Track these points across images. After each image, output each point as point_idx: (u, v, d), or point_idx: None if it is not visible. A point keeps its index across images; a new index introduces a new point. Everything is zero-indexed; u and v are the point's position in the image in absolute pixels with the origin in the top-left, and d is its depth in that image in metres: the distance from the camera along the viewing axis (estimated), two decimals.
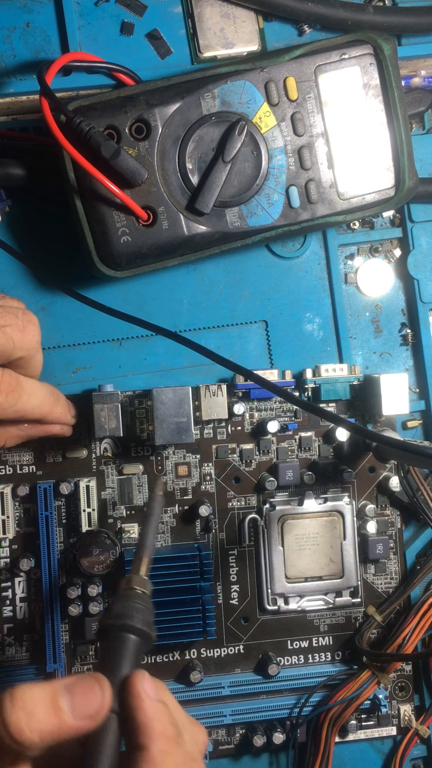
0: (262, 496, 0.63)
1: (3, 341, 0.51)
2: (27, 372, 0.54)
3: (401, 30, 0.60)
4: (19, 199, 0.61)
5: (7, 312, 0.51)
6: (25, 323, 0.52)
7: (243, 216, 0.57)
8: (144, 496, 0.62)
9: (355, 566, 0.62)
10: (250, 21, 0.60)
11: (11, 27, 0.59)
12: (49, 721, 0.36)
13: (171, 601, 0.58)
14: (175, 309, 0.62)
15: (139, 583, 0.43)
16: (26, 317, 0.52)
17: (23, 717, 0.35)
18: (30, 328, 0.52)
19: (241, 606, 0.63)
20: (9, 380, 0.52)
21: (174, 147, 0.55)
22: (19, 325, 0.51)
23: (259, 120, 0.56)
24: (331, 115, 0.57)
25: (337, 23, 0.59)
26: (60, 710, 0.36)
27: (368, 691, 0.61)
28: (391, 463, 0.63)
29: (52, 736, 0.36)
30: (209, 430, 0.62)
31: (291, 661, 0.63)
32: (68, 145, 0.52)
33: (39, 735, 0.35)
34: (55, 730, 0.36)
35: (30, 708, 0.35)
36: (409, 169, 0.57)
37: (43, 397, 0.55)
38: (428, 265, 0.63)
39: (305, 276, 0.63)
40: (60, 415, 0.57)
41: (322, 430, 0.63)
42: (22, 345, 0.52)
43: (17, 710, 0.35)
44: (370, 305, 0.65)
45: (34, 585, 0.61)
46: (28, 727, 0.35)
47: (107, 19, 0.59)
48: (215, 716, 0.61)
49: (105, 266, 0.56)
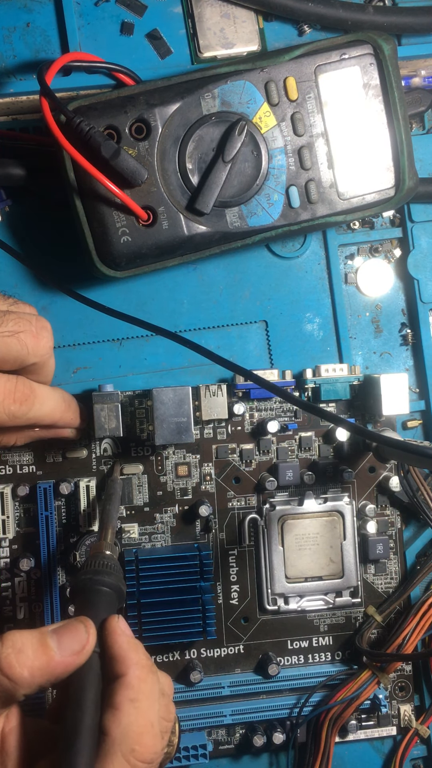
0: (262, 496, 0.63)
1: (17, 348, 0.51)
2: (39, 378, 0.55)
3: (401, 30, 0.60)
4: (19, 199, 0.61)
5: (21, 318, 0.52)
6: (38, 329, 0.52)
7: (243, 216, 0.57)
8: (144, 496, 0.62)
9: (355, 566, 0.62)
10: (250, 21, 0.60)
11: (11, 27, 0.59)
12: (37, 657, 0.39)
13: (171, 601, 0.58)
14: (175, 309, 0.62)
15: (107, 548, 0.49)
16: (40, 323, 0.53)
17: (12, 654, 0.39)
18: (43, 335, 0.52)
19: (241, 606, 0.63)
20: (23, 389, 0.52)
21: (174, 147, 0.55)
22: (33, 331, 0.52)
23: (259, 120, 0.56)
24: (331, 115, 0.57)
25: (337, 23, 0.59)
26: (48, 647, 0.40)
27: (368, 691, 0.61)
28: (391, 463, 0.63)
29: (41, 671, 0.39)
30: (209, 430, 0.62)
31: (291, 661, 0.63)
32: (68, 145, 0.52)
33: (29, 670, 0.39)
34: (44, 666, 0.39)
35: (19, 646, 0.39)
36: (409, 169, 0.57)
37: (55, 405, 0.55)
38: (428, 265, 0.63)
39: (305, 276, 0.63)
40: (70, 421, 0.58)
41: (322, 430, 0.63)
42: (36, 351, 0.52)
43: (6, 648, 0.39)
44: (370, 305, 0.65)
45: (34, 585, 0.61)
46: (18, 662, 0.39)
47: (107, 19, 0.59)
48: (215, 716, 0.61)
49: (105, 266, 0.56)
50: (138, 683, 0.42)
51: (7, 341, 0.50)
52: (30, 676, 0.39)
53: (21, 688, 0.39)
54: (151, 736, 0.41)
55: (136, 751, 0.40)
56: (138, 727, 0.41)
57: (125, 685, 0.41)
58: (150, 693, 0.42)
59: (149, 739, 0.41)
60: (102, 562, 0.47)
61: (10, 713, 0.42)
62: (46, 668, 0.39)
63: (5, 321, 0.51)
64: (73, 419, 0.58)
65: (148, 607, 0.58)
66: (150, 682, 0.42)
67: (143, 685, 0.42)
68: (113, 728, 0.40)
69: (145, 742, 0.41)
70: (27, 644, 0.39)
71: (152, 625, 0.58)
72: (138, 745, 0.40)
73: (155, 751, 0.41)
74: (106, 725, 0.40)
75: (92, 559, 0.48)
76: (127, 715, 0.41)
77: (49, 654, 0.40)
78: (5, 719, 0.42)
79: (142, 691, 0.42)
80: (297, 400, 0.56)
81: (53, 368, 0.56)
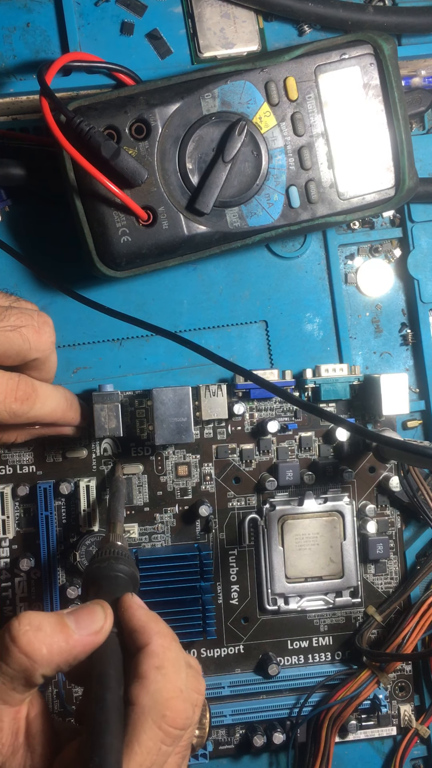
0: (262, 496, 0.63)
1: (19, 342, 0.51)
2: (41, 374, 0.55)
3: (401, 30, 0.60)
4: (19, 199, 0.61)
5: (22, 313, 0.52)
6: (40, 324, 0.52)
7: (243, 216, 0.57)
8: (144, 496, 0.62)
9: (355, 566, 0.62)
10: (250, 21, 0.60)
11: (11, 27, 0.59)
12: (55, 635, 0.39)
13: (171, 601, 0.58)
14: (175, 309, 0.62)
15: (117, 538, 0.49)
16: (41, 318, 0.53)
17: (31, 631, 0.38)
18: (45, 330, 0.53)
19: (241, 606, 0.63)
20: (25, 387, 0.52)
21: (174, 147, 0.55)
22: (34, 326, 0.52)
23: (259, 120, 0.56)
24: (331, 115, 0.57)
25: (337, 23, 0.59)
26: (66, 626, 0.39)
27: (368, 691, 0.61)
28: (391, 463, 0.63)
29: (59, 649, 0.39)
30: (209, 430, 0.62)
31: (291, 661, 0.63)
32: (68, 145, 0.52)
33: (47, 647, 0.38)
34: (63, 644, 0.39)
35: (37, 624, 0.39)
36: (409, 169, 0.57)
37: (57, 404, 0.55)
38: (428, 265, 0.63)
39: (305, 276, 0.63)
40: (72, 420, 0.58)
41: (322, 430, 0.63)
42: (38, 346, 0.52)
43: (24, 626, 0.38)
44: (370, 305, 0.65)
45: (34, 585, 0.61)
46: (36, 640, 0.38)
47: (107, 19, 0.59)
48: (215, 716, 0.61)
49: (105, 266, 0.56)
50: (162, 651, 0.41)
51: (9, 335, 0.51)
52: (48, 654, 0.38)
53: (40, 666, 0.38)
54: (181, 700, 0.40)
55: (167, 717, 0.39)
56: (167, 692, 0.40)
57: (150, 654, 0.41)
58: (175, 660, 0.41)
59: (179, 703, 0.40)
60: (114, 550, 0.47)
61: (33, 700, 0.41)
62: (64, 646, 0.39)
63: (7, 316, 0.51)
64: (75, 418, 0.58)
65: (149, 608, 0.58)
66: (174, 649, 0.42)
67: (168, 653, 0.41)
68: (141, 696, 0.39)
69: (176, 707, 0.39)
70: (45, 622, 0.39)
71: None
72: (168, 710, 0.39)
73: (187, 716, 0.40)
74: (133, 695, 0.39)
75: (104, 549, 0.48)
76: (154, 682, 0.40)
77: (67, 632, 0.39)
78: (29, 705, 0.41)
79: (168, 659, 0.41)
80: (297, 400, 0.56)
81: (55, 365, 0.56)
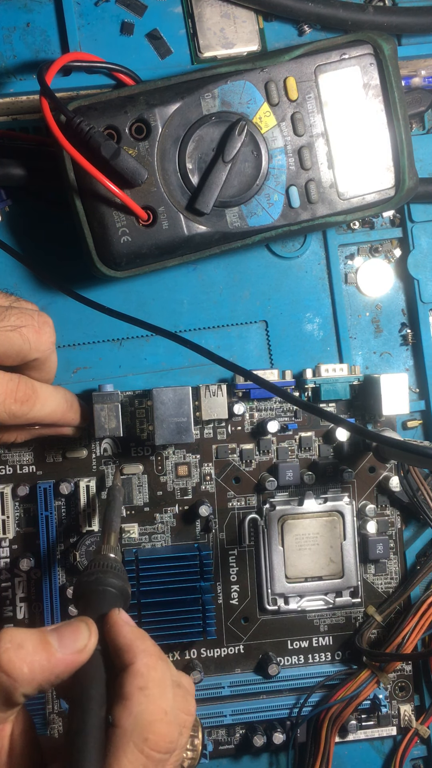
0: (262, 496, 0.63)
1: (19, 342, 0.51)
2: (42, 375, 0.55)
3: (401, 30, 0.60)
4: (19, 199, 0.61)
5: (23, 313, 0.52)
6: (40, 324, 0.52)
7: (243, 216, 0.57)
8: (144, 496, 0.62)
9: (355, 566, 0.62)
10: (250, 21, 0.60)
11: (11, 27, 0.59)
12: (37, 653, 0.38)
13: (171, 601, 0.58)
14: (175, 309, 0.62)
15: (110, 550, 0.48)
16: (41, 318, 0.53)
17: (12, 649, 0.37)
18: (45, 330, 0.53)
19: (241, 606, 0.63)
20: (25, 389, 0.52)
21: (174, 147, 0.55)
22: (35, 326, 0.52)
23: (259, 120, 0.56)
24: (331, 115, 0.57)
25: (337, 23, 0.59)
26: (48, 644, 0.38)
27: (368, 690, 0.61)
28: (391, 463, 0.63)
29: (41, 668, 0.37)
30: (209, 430, 0.62)
31: (291, 661, 0.63)
32: (68, 145, 0.52)
33: (28, 666, 0.37)
34: (44, 662, 0.38)
35: (18, 641, 0.37)
36: (409, 169, 0.57)
37: (57, 405, 0.55)
38: (428, 265, 0.63)
39: (305, 276, 0.63)
40: (71, 421, 0.58)
41: (322, 430, 0.63)
42: (38, 346, 0.52)
43: (5, 643, 0.37)
44: (370, 305, 0.65)
45: (34, 585, 0.61)
46: (17, 658, 0.37)
47: (107, 19, 0.59)
48: (215, 716, 0.61)
49: (105, 266, 0.56)
50: (147, 670, 0.40)
51: (9, 335, 0.51)
52: (30, 672, 0.37)
53: (20, 686, 0.37)
54: (165, 723, 0.39)
55: (149, 740, 0.38)
56: (149, 714, 0.38)
57: (134, 674, 0.39)
58: (161, 680, 0.40)
59: (163, 726, 0.38)
60: (105, 563, 0.46)
61: (17, 718, 0.40)
62: (46, 665, 0.38)
63: (7, 316, 0.51)
64: (75, 419, 0.58)
65: (148, 607, 0.58)
66: (160, 669, 0.40)
67: (153, 672, 0.40)
68: (124, 718, 0.38)
69: (159, 730, 0.38)
70: (26, 640, 0.38)
71: (152, 625, 0.58)
72: (151, 733, 0.38)
73: (170, 740, 0.39)
74: (116, 717, 0.38)
75: (95, 561, 0.47)
76: (137, 704, 0.38)
77: (50, 651, 0.38)
78: (14, 723, 0.40)
79: (152, 678, 0.39)
80: (297, 400, 0.56)
81: (55, 365, 0.56)
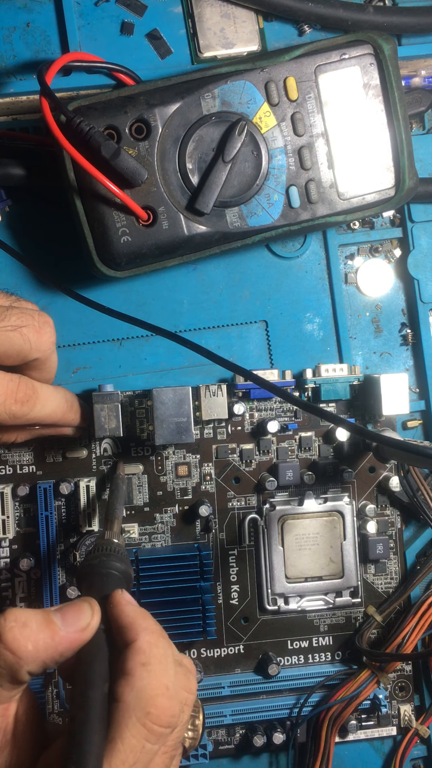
0: (262, 496, 0.63)
1: (20, 342, 0.51)
2: (42, 375, 0.55)
3: (401, 30, 0.60)
4: (19, 199, 0.61)
5: (23, 313, 0.52)
6: (41, 324, 0.53)
7: (243, 216, 0.57)
8: (144, 496, 0.62)
9: (355, 566, 0.62)
10: (250, 21, 0.60)
11: (11, 27, 0.59)
12: (41, 631, 0.39)
13: (171, 601, 0.58)
14: (175, 309, 0.62)
15: (113, 536, 0.49)
16: (42, 318, 0.53)
17: (16, 628, 0.38)
18: (46, 329, 0.53)
19: (241, 606, 0.63)
20: (25, 389, 0.52)
21: (174, 147, 0.55)
22: (35, 326, 0.52)
23: (259, 120, 0.56)
24: (331, 115, 0.57)
25: (337, 23, 0.59)
26: (52, 623, 0.39)
27: (368, 690, 0.61)
28: (391, 463, 0.63)
29: (45, 646, 0.39)
30: (209, 430, 0.62)
31: (291, 661, 0.63)
32: (68, 145, 0.52)
33: (33, 644, 0.38)
34: (48, 640, 0.39)
35: (23, 620, 0.38)
36: (409, 169, 0.57)
37: (57, 405, 0.56)
38: (428, 265, 0.63)
39: (305, 276, 0.63)
40: (72, 421, 0.58)
41: (322, 430, 0.63)
42: (38, 346, 0.52)
43: (10, 622, 0.38)
44: (370, 305, 0.65)
45: (34, 585, 0.61)
46: (22, 636, 0.38)
47: (107, 19, 0.59)
48: (215, 716, 0.61)
49: (105, 266, 0.56)
50: (149, 647, 0.40)
51: (9, 335, 0.51)
52: (34, 650, 0.38)
53: (25, 663, 0.38)
54: (167, 698, 0.39)
55: (151, 714, 0.39)
56: (151, 689, 0.39)
57: (136, 650, 0.40)
58: (162, 657, 0.41)
59: (164, 701, 0.39)
60: (108, 547, 0.47)
61: (22, 697, 0.41)
62: (50, 643, 0.39)
63: (8, 316, 0.51)
64: (75, 419, 0.58)
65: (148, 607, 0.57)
66: (161, 646, 0.41)
67: (154, 649, 0.41)
68: (126, 693, 0.39)
69: (161, 704, 0.39)
70: (31, 619, 0.39)
71: None
72: (153, 707, 0.39)
73: (172, 714, 0.39)
74: (118, 692, 0.39)
75: (99, 545, 0.48)
76: (139, 679, 0.39)
77: (54, 629, 0.39)
78: (18, 702, 0.40)
79: (154, 655, 0.40)
80: (297, 400, 0.56)
81: (56, 365, 0.56)
